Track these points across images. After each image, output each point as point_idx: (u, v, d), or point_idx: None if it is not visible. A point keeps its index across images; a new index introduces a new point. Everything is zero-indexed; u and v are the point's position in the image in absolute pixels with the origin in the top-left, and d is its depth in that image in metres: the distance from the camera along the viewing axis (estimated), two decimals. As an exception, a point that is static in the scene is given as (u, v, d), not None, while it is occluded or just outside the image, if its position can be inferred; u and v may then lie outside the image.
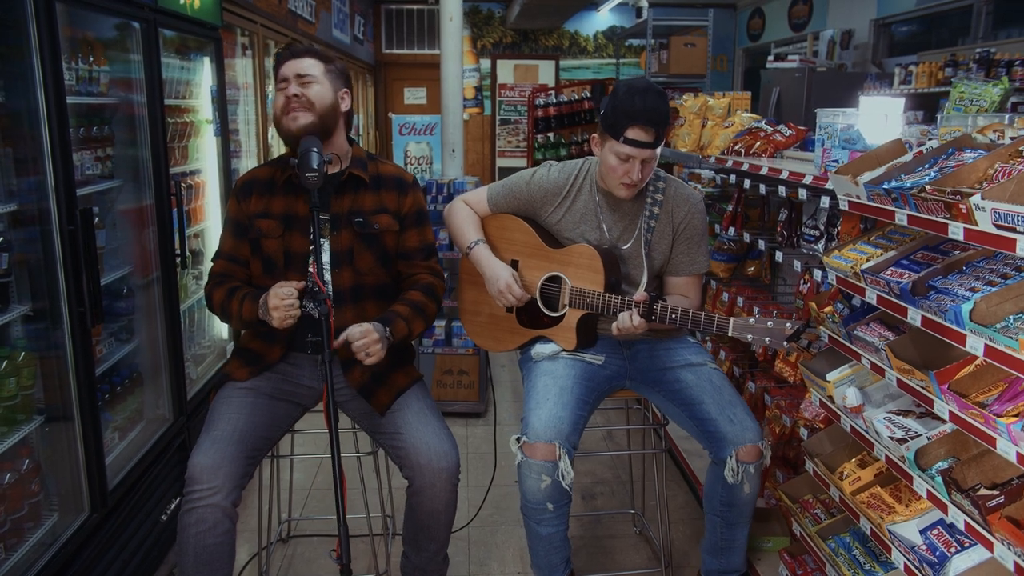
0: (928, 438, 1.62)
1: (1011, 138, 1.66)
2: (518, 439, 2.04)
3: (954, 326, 1.46)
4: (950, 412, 1.50)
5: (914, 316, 1.59)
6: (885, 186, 1.69)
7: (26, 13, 1.82)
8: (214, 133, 3.25)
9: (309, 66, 1.99)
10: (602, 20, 10.33)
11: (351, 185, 2.08)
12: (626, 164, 2.04)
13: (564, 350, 2.21)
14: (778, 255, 2.61)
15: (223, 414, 1.97)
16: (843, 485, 1.87)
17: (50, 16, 1.87)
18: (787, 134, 2.82)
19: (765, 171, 2.51)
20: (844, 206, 1.89)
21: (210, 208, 3.33)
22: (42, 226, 1.94)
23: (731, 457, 2.01)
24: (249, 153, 4.46)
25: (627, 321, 2.01)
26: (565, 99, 7.63)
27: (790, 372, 2.52)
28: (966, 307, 1.42)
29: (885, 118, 2.15)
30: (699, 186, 3.47)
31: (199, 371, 3.15)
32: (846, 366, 1.93)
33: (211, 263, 2.14)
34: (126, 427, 2.55)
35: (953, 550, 1.57)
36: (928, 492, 1.58)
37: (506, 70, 10.45)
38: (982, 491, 1.43)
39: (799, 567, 2.16)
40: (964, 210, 1.43)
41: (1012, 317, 1.39)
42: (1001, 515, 1.38)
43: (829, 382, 1.93)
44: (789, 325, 1.88)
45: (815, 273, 2.38)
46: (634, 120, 1.98)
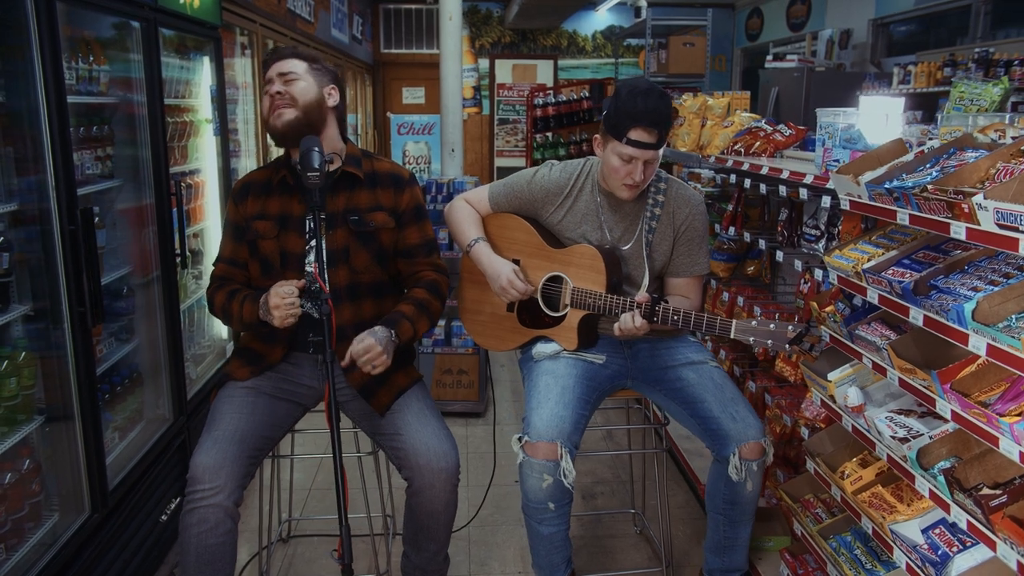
0: (930, 437, 1.62)
1: (1012, 138, 1.66)
2: (520, 438, 2.04)
3: (956, 325, 1.46)
4: (952, 411, 1.50)
5: (916, 316, 1.59)
6: (887, 185, 1.69)
7: (27, 12, 1.82)
8: (213, 132, 3.25)
9: (292, 65, 2.01)
10: (600, 20, 10.33)
11: (346, 183, 2.07)
12: (628, 165, 2.04)
13: (565, 350, 2.21)
14: (778, 254, 2.61)
15: (224, 414, 1.97)
16: (844, 484, 1.87)
17: (51, 15, 1.86)
18: (787, 134, 2.81)
19: (766, 171, 2.51)
20: (846, 206, 1.89)
21: (209, 208, 3.33)
22: (43, 226, 1.94)
23: (734, 455, 2.01)
24: (248, 153, 4.44)
25: (629, 322, 2.01)
26: (564, 99, 7.65)
27: (791, 372, 2.52)
28: (969, 306, 1.42)
29: (886, 118, 2.14)
30: (699, 186, 3.47)
31: (199, 371, 3.15)
32: (847, 365, 1.93)
33: (212, 267, 2.14)
34: (126, 427, 2.55)
35: (955, 549, 1.58)
36: (930, 491, 1.58)
37: (504, 70, 10.46)
38: (985, 490, 1.43)
39: (800, 566, 2.17)
40: (966, 210, 1.43)
41: (1015, 316, 1.39)
42: (1004, 514, 1.38)
43: (830, 382, 1.93)
44: (791, 328, 1.88)
45: (816, 273, 2.38)
46: (637, 121, 1.98)
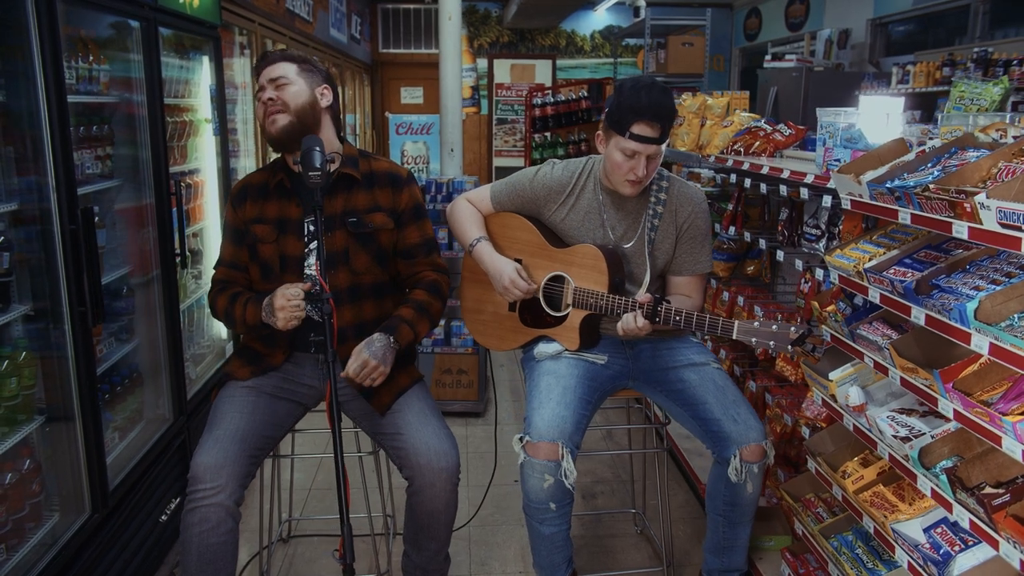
0: (932, 437, 1.62)
1: (1014, 137, 1.66)
2: (521, 438, 2.03)
3: (959, 325, 1.46)
4: (954, 411, 1.50)
5: (918, 315, 1.59)
6: (888, 185, 1.69)
7: (27, 12, 1.81)
8: (213, 132, 3.24)
9: (282, 69, 2.01)
10: (599, 20, 10.34)
11: (343, 184, 2.07)
12: (631, 160, 2.04)
13: (567, 350, 2.21)
14: (779, 254, 2.61)
15: (225, 413, 1.97)
16: (846, 484, 1.87)
17: (51, 15, 1.86)
18: (787, 133, 2.81)
19: (766, 170, 2.51)
20: (847, 205, 1.89)
21: (209, 207, 3.32)
22: (43, 225, 1.93)
23: (735, 457, 2.01)
24: (247, 152, 4.44)
25: (631, 323, 2.01)
26: (562, 98, 7.64)
27: (791, 371, 2.52)
28: (971, 306, 1.42)
29: (886, 117, 2.14)
30: (698, 185, 3.47)
31: (199, 371, 3.14)
32: (848, 365, 1.93)
33: (213, 271, 2.14)
34: (126, 427, 2.54)
35: (957, 548, 1.58)
36: (932, 490, 1.58)
37: (503, 69, 10.46)
38: (987, 489, 1.44)
39: (801, 566, 2.17)
40: (968, 209, 1.43)
41: (1017, 315, 1.39)
42: (1007, 513, 1.38)
43: (831, 381, 1.93)
44: (794, 330, 1.88)
45: (817, 272, 2.38)
46: (640, 115, 1.98)
